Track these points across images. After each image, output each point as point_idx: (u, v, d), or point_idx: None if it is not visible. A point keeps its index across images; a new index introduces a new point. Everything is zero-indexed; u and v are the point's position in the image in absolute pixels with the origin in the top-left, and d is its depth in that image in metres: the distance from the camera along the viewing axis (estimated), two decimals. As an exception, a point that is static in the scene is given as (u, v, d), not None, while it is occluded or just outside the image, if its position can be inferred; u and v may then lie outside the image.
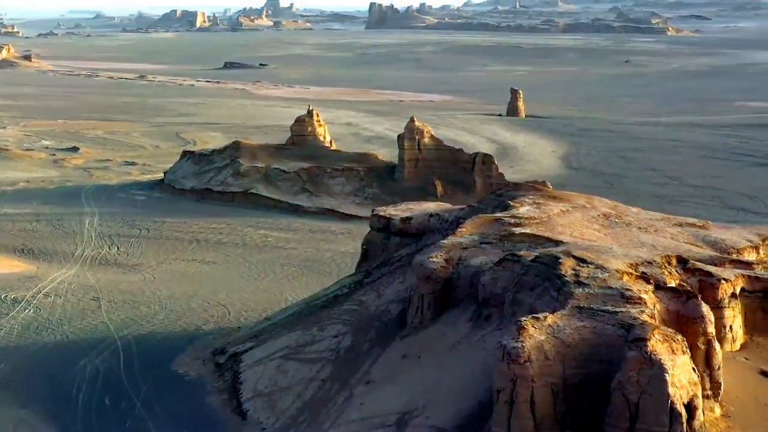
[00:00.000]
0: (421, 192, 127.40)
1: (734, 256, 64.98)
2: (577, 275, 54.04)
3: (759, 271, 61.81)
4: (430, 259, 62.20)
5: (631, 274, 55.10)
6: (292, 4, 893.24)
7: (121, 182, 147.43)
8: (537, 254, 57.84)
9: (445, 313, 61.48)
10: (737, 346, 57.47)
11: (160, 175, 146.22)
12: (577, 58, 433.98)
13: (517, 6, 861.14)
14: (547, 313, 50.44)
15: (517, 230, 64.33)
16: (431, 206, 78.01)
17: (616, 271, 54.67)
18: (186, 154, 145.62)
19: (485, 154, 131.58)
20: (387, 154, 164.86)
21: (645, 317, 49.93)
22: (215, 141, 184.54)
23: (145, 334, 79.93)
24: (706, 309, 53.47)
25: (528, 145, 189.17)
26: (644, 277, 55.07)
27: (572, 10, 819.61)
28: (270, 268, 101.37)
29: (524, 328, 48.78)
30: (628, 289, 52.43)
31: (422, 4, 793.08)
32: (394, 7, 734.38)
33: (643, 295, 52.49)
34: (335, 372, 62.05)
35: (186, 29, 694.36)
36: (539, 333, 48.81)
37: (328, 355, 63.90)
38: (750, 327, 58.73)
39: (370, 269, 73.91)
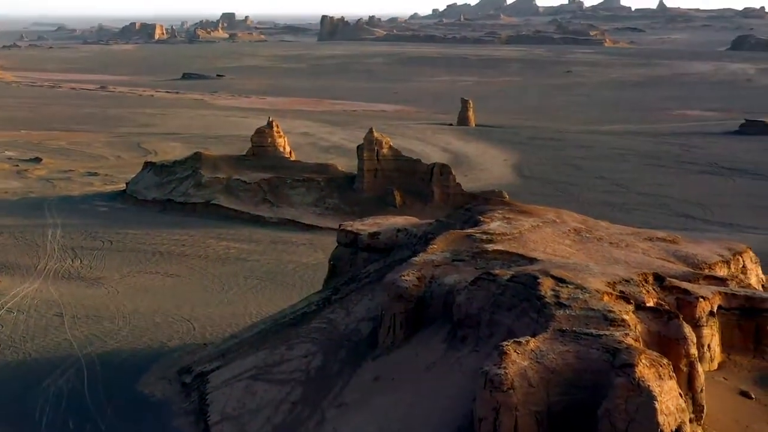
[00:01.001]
0: (381, 202, 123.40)
1: (707, 272, 61.32)
2: (557, 296, 50.00)
3: (734, 287, 58.22)
4: (402, 278, 57.91)
5: (611, 293, 51.21)
6: (246, 17, 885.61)
7: (83, 193, 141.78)
8: (513, 273, 53.77)
9: (417, 333, 57.13)
10: (715, 365, 53.66)
11: (122, 186, 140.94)
12: (521, 68, 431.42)
13: (462, 19, 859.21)
14: (529, 337, 46.40)
15: (490, 247, 60.21)
16: (398, 220, 73.72)
17: (596, 291, 50.72)
18: (147, 165, 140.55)
19: (443, 165, 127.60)
20: (344, 163, 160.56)
21: (630, 340, 46.01)
22: (176, 151, 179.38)
23: (109, 351, 74.96)
24: (688, 330, 49.64)
25: (480, 154, 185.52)
26: (624, 297, 51.21)
27: (514, 22, 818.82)
28: (233, 281, 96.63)
29: (506, 353, 44.67)
30: (610, 311, 48.47)
31: (371, 17, 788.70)
32: (345, 19, 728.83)
33: (625, 317, 48.70)
34: (306, 394, 57.53)
35: (145, 41, 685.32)
36: (522, 358, 44.72)
37: (297, 376, 59.38)
38: (727, 345, 54.97)
39: (338, 286, 69.49)
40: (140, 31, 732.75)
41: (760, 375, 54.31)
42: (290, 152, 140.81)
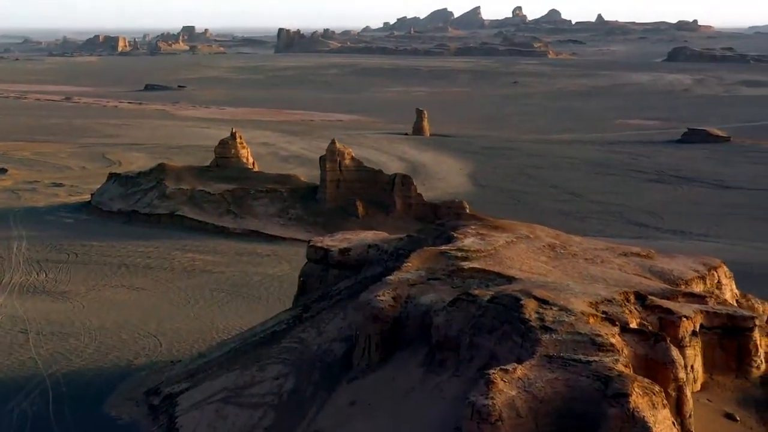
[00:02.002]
0: (343, 212, 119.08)
1: (684, 288, 57.52)
2: (542, 319, 45.82)
3: (715, 305, 54.43)
4: (377, 298, 53.51)
5: (596, 315, 47.18)
6: (206, 30, 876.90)
7: (49, 204, 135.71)
8: (493, 294, 49.61)
9: (393, 355, 52.76)
10: (698, 386, 49.70)
11: (88, 197, 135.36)
12: (470, 79, 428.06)
13: (412, 31, 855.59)
14: (516, 364, 42.23)
15: (465, 265, 55.98)
16: (368, 236, 69.27)
17: (581, 313, 46.67)
18: (112, 176, 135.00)
19: (404, 175, 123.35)
20: (304, 173, 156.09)
21: (621, 367, 42.00)
22: (139, 161, 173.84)
23: (75, 370, 69.93)
24: (675, 353, 45.80)
25: (436, 163, 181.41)
26: (609, 319, 47.20)
27: (461, 35, 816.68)
28: (199, 294, 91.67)
29: (493, 382, 40.45)
30: (597, 335, 44.41)
31: (326, 30, 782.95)
32: (301, 32, 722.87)
33: (613, 341, 44.68)
34: (279, 419, 52.91)
35: (108, 53, 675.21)
36: (509, 387, 40.51)
37: (270, 400, 54.75)
38: (709, 365, 51.05)
39: (309, 303, 64.91)
40: (104, 44, 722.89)
41: (744, 396, 50.55)
42: (253, 163, 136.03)
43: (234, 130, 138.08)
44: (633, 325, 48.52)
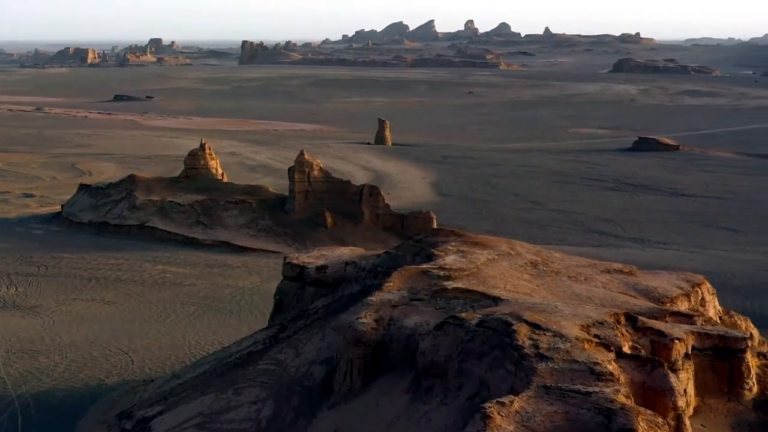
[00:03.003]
0: (312, 223, 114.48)
1: (671, 307, 53.52)
2: (536, 346, 41.46)
3: (705, 325, 50.49)
4: (359, 320, 48.93)
5: (591, 341, 42.96)
6: (173, 42, 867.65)
7: (19, 215, 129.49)
8: (481, 317, 45.26)
9: (376, 380, 48.33)
10: (690, 411, 45.64)
11: (58, 208, 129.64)
12: (427, 90, 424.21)
13: (369, 44, 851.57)
14: (512, 396, 37.85)
15: (449, 284, 51.57)
16: (345, 252, 64.64)
17: (577, 338, 42.44)
18: (83, 188, 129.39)
19: (372, 186, 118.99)
20: (271, 182, 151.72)
21: (622, 398, 37.75)
22: (110, 171, 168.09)
23: (45, 391, 64.75)
24: (674, 380, 41.70)
25: (399, 172, 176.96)
26: (604, 344, 43.03)
27: (417, 47, 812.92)
28: (170, 308, 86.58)
29: (490, 417, 35.98)
30: (596, 363, 40.16)
31: (288, 42, 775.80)
32: (264, 44, 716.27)
33: (610, 368, 40.52)
34: (258, 448, 48.46)
35: (78, 65, 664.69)
36: (507, 422, 36.06)
37: (247, 426, 50.01)
38: (701, 389, 46.92)
39: (285, 322, 60.17)
40: (74, 56, 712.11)
41: (737, 420, 46.48)
42: (222, 174, 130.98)
43: (203, 141, 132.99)
44: (626, 348, 44.39)
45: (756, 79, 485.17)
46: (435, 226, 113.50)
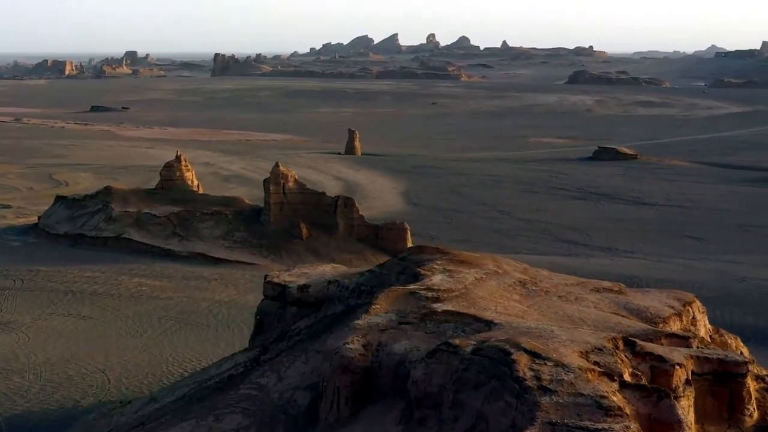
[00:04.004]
0: (287, 234, 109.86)
1: (663, 328, 49.57)
2: (538, 377, 37.19)
3: (702, 348, 46.55)
4: (347, 346, 44.46)
5: (594, 370, 38.79)
6: (147, 55, 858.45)
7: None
8: (476, 343, 40.89)
9: (365, 408, 43.94)
10: (692, 439, 41.63)
11: (35, 219, 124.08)
12: (393, 100, 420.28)
13: (336, 56, 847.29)
14: (516, 435, 33.81)
15: (438, 307, 47.21)
16: (327, 270, 60.01)
17: (579, 368, 38.27)
18: (59, 199, 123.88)
19: (347, 197, 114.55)
20: (246, 192, 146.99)
21: (633, 437, 33.82)
22: (86, 182, 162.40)
23: (18, 413, 59.66)
24: (681, 411, 37.66)
25: (370, 182, 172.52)
26: (607, 374, 38.91)
27: (381, 59, 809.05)
28: (147, 323, 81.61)
29: (496, 458, 31.91)
30: (603, 396, 35.96)
31: (258, 55, 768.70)
32: (235, 56, 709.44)
33: (616, 399, 36.39)
34: (241, 481, 43.91)
35: (57, 76, 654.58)
36: (513, 464, 32.02)
37: (230, 457, 45.60)
38: (700, 415, 42.67)
39: (267, 344, 55.51)
40: (52, 68, 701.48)
41: (739, 448, 42.75)
42: (198, 185, 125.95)
43: (179, 153, 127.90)
44: (626, 376, 40.25)
45: (704, 90, 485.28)
46: (409, 237, 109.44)
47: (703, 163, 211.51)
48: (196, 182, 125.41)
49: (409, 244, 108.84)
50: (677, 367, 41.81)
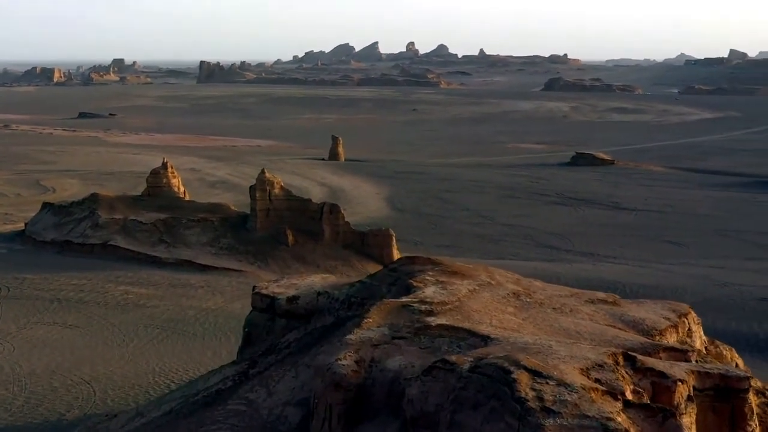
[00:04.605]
0: (273, 241, 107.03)
1: (660, 340, 47.17)
2: (541, 398, 34.60)
3: (702, 362, 44.21)
4: (339, 362, 41.75)
5: (597, 389, 36.32)
6: (134, 62, 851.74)
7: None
8: (473, 360, 38.28)
9: (358, 427, 41.24)
10: (694, 457, 39.16)
11: (22, 226, 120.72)
12: (373, 107, 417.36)
13: (318, 64, 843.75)
14: (521, 461, 31.23)
15: (432, 321, 44.58)
16: (316, 281, 57.28)
17: (583, 387, 35.77)
18: (46, 206, 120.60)
19: (332, 204, 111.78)
20: (231, 198, 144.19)
21: (642, 462, 31.32)
22: (73, 188, 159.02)
23: (2, 427, 56.51)
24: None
25: (354, 187, 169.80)
26: (611, 393, 36.42)
27: (362, 67, 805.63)
28: (133, 332, 78.60)
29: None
30: (609, 418, 33.39)
31: (242, 62, 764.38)
32: (220, 64, 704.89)
33: (620, 420, 33.94)
34: (231, 502, 41.17)
35: (45, 83, 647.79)
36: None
37: (219, 476, 42.85)
38: (701, 431, 40.67)
39: (255, 357, 52.76)
40: (41, 75, 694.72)
41: (742, 466, 40.34)
42: (184, 192, 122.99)
43: (165, 160, 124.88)
44: (628, 393, 37.73)
45: (676, 96, 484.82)
46: (394, 243, 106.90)
47: (678, 168, 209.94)
48: (182, 189, 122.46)
49: (395, 251, 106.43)
50: (679, 383, 39.32)
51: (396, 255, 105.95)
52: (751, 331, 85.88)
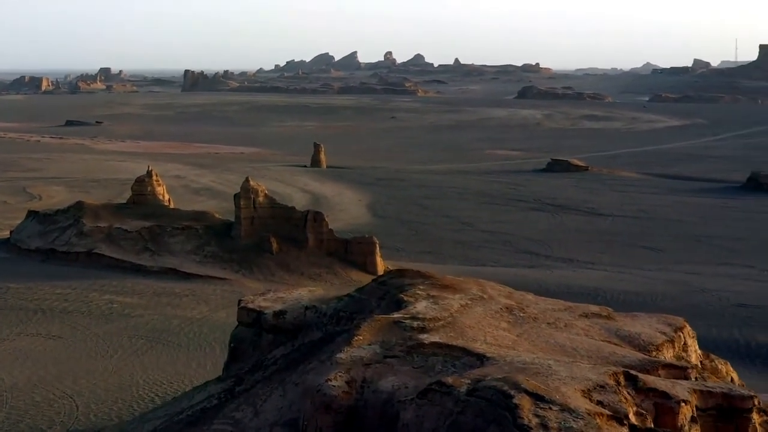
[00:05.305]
0: (258, 249, 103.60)
1: (657, 356, 44.32)
2: (545, 426, 31.52)
3: (703, 380, 41.38)
4: (329, 383, 38.59)
5: (602, 414, 33.39)
6: (120, 71, 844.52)
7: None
8: (471, 383, 35.23)
9: (350, 451, 38.21)
10: (698, 480, 36.28)
11: (7, 234, 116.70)
12: (353, 114, 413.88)
13: (300, 73, 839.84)
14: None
15: (425, 338, 41.43)
16: (304, 294, 53.99)
17: (588, 412, 32.79)
18: (31, 214, 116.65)
19: (316, 212, 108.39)
20: (216, 205, 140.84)
21: (655, 497, 28.37)
22: (60, 195, 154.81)
23: (-19, 446, 53.65)
24: (695, 458, 32.38)
25: (336, 194, 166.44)
26: (616, 418, 33.48)
27: (342, 75, 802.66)
28: (117, 342, 74.95)
29: None
30: (617, 448, 30.68)
31: (226, 71, 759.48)
32: (204, 73, 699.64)
33: (628, 450, 30.99)
34: None
35: (33, 92, 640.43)
36: None
37: (204, 502, 39.58)
38: (705, 453, 37.75)
39: (241, 374, 49.48)
40: (29, 83, 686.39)
41: (747, 489, 37.48)
42: (169, 200, 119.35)
43: (150, 168, 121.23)
44: (632, 416, 34.80)
45: (644, 104, 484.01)
46: (378, 251, 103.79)
47: (650, 174, 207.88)
48: (167, 197, 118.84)
49: (378, 258, 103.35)
50: (683, 404, 36.52)
51: (379, 262, 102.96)
52: (732, 338, 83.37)
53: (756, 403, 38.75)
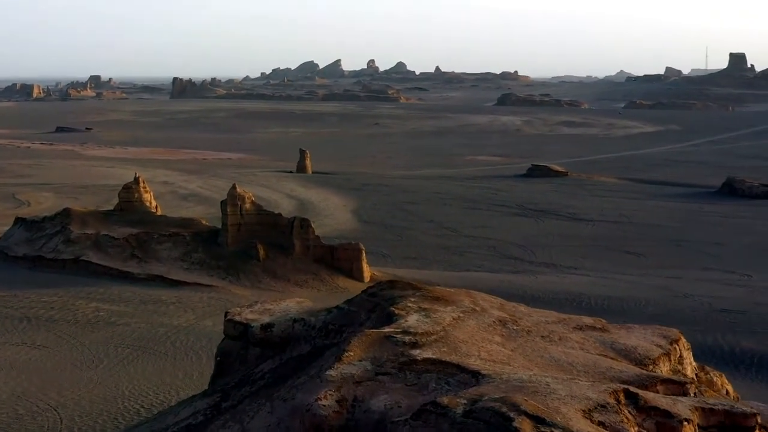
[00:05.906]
0: (245, 255, 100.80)
1: (654, 369, 41.96)
2: (546, 453, 29.41)
3: (708, 398, 39.03)
4: (319, 402, 36.11)
5: (604, 438, 31.02)
6: (110, 79, 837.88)
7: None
8: (467, 404, 32.81)
9: (341, 474, 35.67)
10: (700, 502, 33.93)
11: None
12: (338, 121, 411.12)
13: (285, 80, 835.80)
14: None
15: (418, 354, 38.90)
16: (292, 306, 51.30)
17: (589, 438, 30.40)
18: (18, 221, 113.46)
19: (303, 219, 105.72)
20: (203, 211, 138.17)
21: None
22: (48, 201, 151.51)
23: (-40, 463, 50.74)
24: (703, 483, 29.99)
25: (322, 200, 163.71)
26: (619, 441, 31.11)
27: (326, 83, 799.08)
28: (103, 352, 71.96)
29: None
30: (623, 477, 28.30)
31: (213, 78, 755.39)
32: (192, 80, 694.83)
33: (634, 477, 28.59)
34: None
35: (24, 99, 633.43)
36: None
37: None
38: (706, 473, 35.41)
39: (228, 389, 46.79)
40: (20, 91, 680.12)
41: None
42: (156, 207, 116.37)
43: (137, 175, 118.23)
44: (635, 438, 32.58)
45: (620, 111, 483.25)
46: (364, 257, 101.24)
47: (629, 179, 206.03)
48: (154, 203, 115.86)
49: (364, 264, 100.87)
50: (685, 423, 34.12)
51: (365, 269, 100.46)
52: (716, 343, 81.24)
53: (758, 420, 36.52)
